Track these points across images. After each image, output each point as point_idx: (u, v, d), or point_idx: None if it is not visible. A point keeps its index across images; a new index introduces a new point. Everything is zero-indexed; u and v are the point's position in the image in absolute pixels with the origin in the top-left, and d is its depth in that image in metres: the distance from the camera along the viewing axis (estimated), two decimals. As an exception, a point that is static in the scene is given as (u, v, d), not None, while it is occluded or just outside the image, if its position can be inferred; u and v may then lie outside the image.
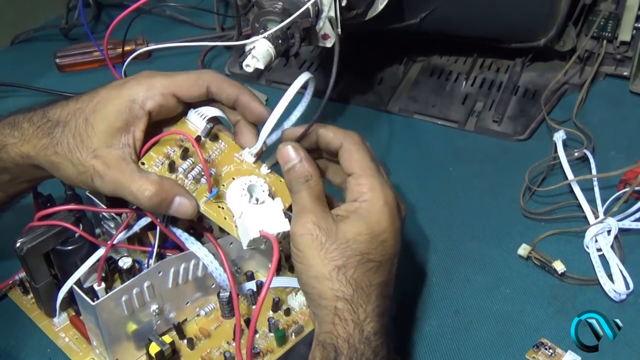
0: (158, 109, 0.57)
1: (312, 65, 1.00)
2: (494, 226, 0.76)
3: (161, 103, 0.57)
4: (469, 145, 0.87)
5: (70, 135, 0.56)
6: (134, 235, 0.65)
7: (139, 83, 0.57)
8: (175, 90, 0.58)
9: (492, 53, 0.97)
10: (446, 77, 0.96)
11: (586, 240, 0.71)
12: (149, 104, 0.57)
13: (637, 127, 0.87)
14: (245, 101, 0.59)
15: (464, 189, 0.80)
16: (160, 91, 0.57)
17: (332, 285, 0.51)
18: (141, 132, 0.57)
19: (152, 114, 0.57)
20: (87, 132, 0.56)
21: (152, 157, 0.58)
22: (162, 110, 0.58)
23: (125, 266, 0.62)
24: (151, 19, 1.11)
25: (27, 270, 0.63)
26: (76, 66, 1.03)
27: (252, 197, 0.58)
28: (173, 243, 0.63)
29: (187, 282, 0.63)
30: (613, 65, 0.94)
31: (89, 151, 0.55)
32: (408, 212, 0.58)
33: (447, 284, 0.70)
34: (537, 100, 0.90)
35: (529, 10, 0.87)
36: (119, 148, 0.56)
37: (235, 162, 0.60)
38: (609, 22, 0.90)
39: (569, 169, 0.78)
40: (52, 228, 0.61)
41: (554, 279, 0.69)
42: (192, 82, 0.58)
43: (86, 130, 0.56)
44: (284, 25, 0.63)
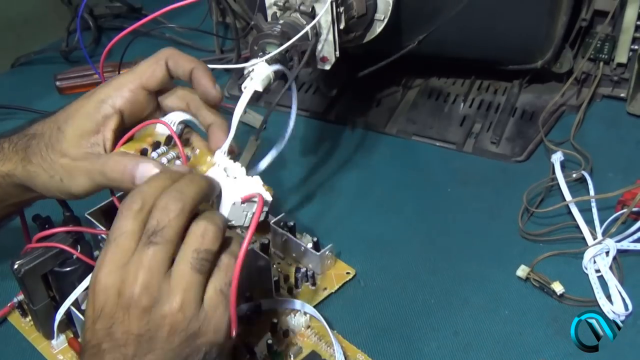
0: (129, 105, 0.57)
1: (310, 87, 1.01)
2: (493, 247, 0.76)
3: (130, 99, 0.57)
4: (467, 166, 0.87)
5: (43, 144, 0.57)
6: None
7: (107, 85, 0.58)
8: (141, 81, 0.58)
9: (490, 75, 0.98)
10: (444, 99, 0.97)
11: (585, 261, 0.71)
12: (118, 102, 0.57)
13: (635, 148, 0.87)
14: (197, 76, 0.59)
15: (462, 210, 0.80)
16: (128, 87, 0.57)
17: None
18: (111, 131, 0.57)
19: (124, 113, 0.57)
20: (58, 138, 0.56)
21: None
22: (134, 107, 0.58)
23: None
24: (151, 42, 1.12)
25: (25, 292, 0.63)
26: (76, 89, 1.04)
27: (229, 176, 0.57)
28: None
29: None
30: (610, 87, 0.94)
31: (58, 154, 0.56)
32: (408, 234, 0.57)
33: (446, 305, 0.70)
34: (534, 121, 0.91)
35: (525, 33, 0.88)
36: (88, 147, 0.56)
37: (208, 164, 0.59)
38: (605, 44, 0.91)
39: (566, 190, 0.78)
40: (50, 250, 0.61)
41: (553, 301, 0.69)
42: (152, 65, 0.58)
43: (57, 136, 0.56)
44: (283, 49, 0.64)
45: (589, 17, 0.90)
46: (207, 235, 0.48)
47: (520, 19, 0.86)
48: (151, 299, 0.46)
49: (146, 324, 0.46)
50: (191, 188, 0.49)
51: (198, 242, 0.48)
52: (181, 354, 0.47)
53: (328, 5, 0.68)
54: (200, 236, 0.48)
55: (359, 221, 0.80)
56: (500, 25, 0.86)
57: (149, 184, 0.50)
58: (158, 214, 0.48)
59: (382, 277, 0.73)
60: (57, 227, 0.63)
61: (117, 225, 0.48)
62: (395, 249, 0.76)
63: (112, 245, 0.48)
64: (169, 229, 0.47)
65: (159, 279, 0.47)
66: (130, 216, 0.48)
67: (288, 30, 0.66)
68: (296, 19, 0.69)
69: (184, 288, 0.47)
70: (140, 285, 0.46)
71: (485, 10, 0.84)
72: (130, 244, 0.47)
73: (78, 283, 0.61)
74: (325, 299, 0.70)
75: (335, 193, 0.83)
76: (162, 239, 0.47)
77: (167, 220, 0.47)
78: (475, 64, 0.96)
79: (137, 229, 0.48)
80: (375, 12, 0.78)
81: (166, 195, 0.48)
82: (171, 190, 0.49)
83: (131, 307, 0.46)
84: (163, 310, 0.46)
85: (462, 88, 0.98)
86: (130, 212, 0.48)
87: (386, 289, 0.72)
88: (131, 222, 0.48)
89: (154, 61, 0.59)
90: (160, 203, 0.48)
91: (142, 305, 0.46)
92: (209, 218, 0.49)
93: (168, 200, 0.48)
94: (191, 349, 0.47)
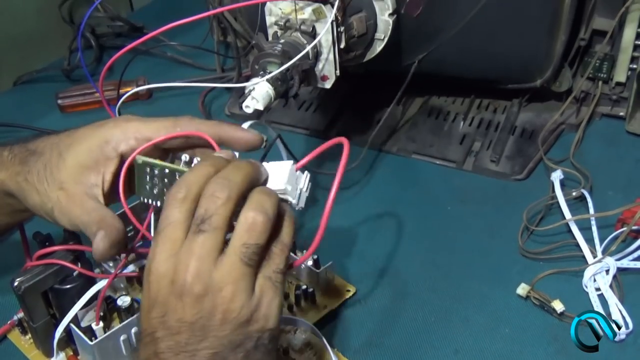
0: (131, 152, 0.56)
1: (311, 105, 1.01)
2: (493, 266, 0.76)
3: (134, 147, 0.56)
4: (467, 184, 0.87)
5: (41, 165, 0.57)
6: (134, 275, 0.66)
7: (115, 125, 0.57)
8: (150, 135, 0.57)
9: (490, 94, 0.99)
10: (444, 117, 0.97)
11: (585, 279, 0.71)
12: (122, 147, 0.56)
13: (634, 166, 0.88)
14: (229, 136, 0.57)
15: (462, 229, 0.81)
16: (134, 135, 0.57)
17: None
18: (111, 174, 0.56)
19: (125, 158, 0.57)
20: (58, 165, 0.56)
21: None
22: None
23: (124, 305, 0.62)
24: (152, 61, 1.13)
25: (25, 310, 0.63)
26: (77, 107, 1.04)
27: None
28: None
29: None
30: (609, 106, 0.95)
31: (56, 183, 0.56)
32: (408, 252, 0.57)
33: (446, 323, 0.70)
34: (534, 140, 0.91)
35: (525, 52, 0.88)
36: (87, 186, 0.56)
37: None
38: (604, 64, 0.91)
39: (566, 208, 0.78)
40: (50, 267, 0.61)
41: (553, 319, 0.69)
42: (167, 129, 0.57)
43: (57, 163, 0.56)
44: (284, 68, 0.64)
45: (587, 37, 0.90)
46: (256, 228, 0.48)
47: (520, 39, 0.87)
48: (203, 287, 0.47)
49: (199, 311, 0.47)
50: (238, 174, 0.50)
51: (247, 235, 0.48)
52: (234, 341, 0.48)
53: (329, 25, 0.69)
54: (249, 229, 0.48)
55: (359, 239, 0.80)
56: (499, 45, 0.87)
57: (193, 172, 0.50)
58: (205, 202, 0.48)
59: (382, 295, 0.73)
60: (58, 244, 0.63)
61: (164, 215, 0.49)
62: (395, 266, 0.76)
63: (161, 236, 0.48)
64: (217, 216, 0.48)
65: (210, 266, 0.47)
66: (175, 205, 0.48)
67: (289, 49, 0.67)
68: (297, 38, 0.69)
69: (234, 278, 0.47)
70: (192, 273, 0.47)
71: (485, 30, 0.85)
72: (178, 233, 0.48)
73: (78, 300, 0.61)
74: (325, 317, 0.70)
75: (335, 211, 0.83)
76: (211, 227, 0.47)
77: (215, 208, 0.48)
78: (475, 83, 0.96)
79: (184, 217, 0.48)
80: (376, 32, 0.79)
81: (213, 182, 0.49)
82: (217, 178, 0.49)
83: (184, 295, 0.47)
84: (215, 299, 0.47)
85: (461, 107, 0.98)
86: (176, 201, 0.48)
87: (386, 307, 0.72)
88: (177, 211, 0.48)
89: (170, 127, 0.57)
90: (207, 191, 0.48)
91: (195, 293, 0.47)
92: (258, 206, 0.49)
93: (215, 188, 0.48)
94: (244, 336, 0.48)
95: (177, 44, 1.10)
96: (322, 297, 0.71)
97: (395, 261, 0.77)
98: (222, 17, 1.05)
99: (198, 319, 0.47)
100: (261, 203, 0.49)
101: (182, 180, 0.50)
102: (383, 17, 0.77)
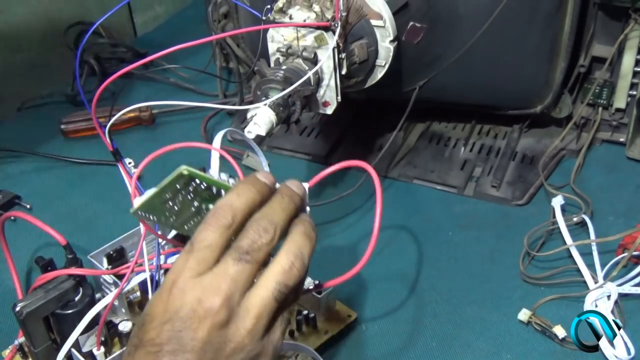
0: None
1: (312, 131, 1.02)
2: (494, 291, 0.76)
3: None
4: (468, 210, 0.88)
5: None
6: (135, 299, 0.66)
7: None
8: None
9: (490, 119, 0.99)
10: (445, 143, 0.98)
11: (586, 305, 0.71)
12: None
13: (635, 192, 0.88)
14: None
15: (464, 254, 0.81)
16: None
17: None
18: None
19: None
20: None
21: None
22: None
23: (125, 330, 0.62)
24: (155, 86, 1.14)
25: (27, 335, 0.63)
26: (81, 132, 1.05)
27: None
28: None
29: (187, 346, 0.63)
30: (609, 132, 0.95)
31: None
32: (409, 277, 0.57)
33: (447, 349, 0.70)
34: (535, 165, 0.91)
35: (525, 79, 0.89)
36: None
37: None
38: (604, 90, 0.92)
39: (567, 233, 0.78)
40: (51, 292, 0.61)
41: (555, 345, 0.69)
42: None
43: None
44: (286, 94, 0.65)
45: (587, 64, 0.91)
46: (293, 273, 0.49)
47: (520, 65, 0.88)
48: (228, 314, 0.47)
49: (215, 336, 0.47)
50: (286, 211, 0.50)
51: (284, 276, 0.48)
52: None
53: (330, 51, 0.70)
54: (287, 272, 0.48)
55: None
56: (499, 72, 0.88)
57: (239, 197, 0.50)
58: (253, 234, 0.48)
59: (383, 320, 0.73)
60: (60, 269, 0.63)
61: (204, 236, 0.49)
62: (396, 292, 0.76)
63: (195, 253, 0.48)
64: (261, 252, 0.48)
65: (241, 295, 0.47)
66: (217, 230, 0.48)
67: (291, 75, 0.67)
68: (299, 64, 0.70)
69: (259, 313, 0.47)
70: (222, 297, 0.47)
71: (485, 57, 0.86)
72: (213, 255, 0.48)
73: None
74: (327, 342, 0.70)
75: (337, 236, 0.84)
76: (253, 259, 0.48)
77: (261, 244, 0.48)
78: (475, 109, 0.97)
79: (222, 243, 0.48)
80: (377, 58, 0.79)
81: (263, 218, 0.49)
82: (267, 212, 0.49)
83: (207, 317, 0.46)
84: (234, 329, 0.47)
85: (462, 132, 0.99)
86: (219, 226, 0.48)
87: (387, 332, 0.72)
88: (218, 235, 0.48)
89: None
90: (256, 225, 0.49)
91: (219, 319, 0.47)
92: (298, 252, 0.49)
93: (266, 225, 0.49)
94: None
95: (179, 66, 1.11)
96: (323, 322, 0.71)
97: (396, 286, 0.77)
98: (225, 43, 1.06)
99: (212, 344, 0.47)
100: (301, 249, 0.50)
101: (228, 204, 0.49)
102: (384, 43, 0.78)
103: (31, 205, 0.91)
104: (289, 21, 0.71)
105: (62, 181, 0.96)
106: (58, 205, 0.91)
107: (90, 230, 0.86)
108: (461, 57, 0.84)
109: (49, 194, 0.94)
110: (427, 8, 0.81)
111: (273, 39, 0.72)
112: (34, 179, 0.97)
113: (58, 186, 0.95)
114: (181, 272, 0.48)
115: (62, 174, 0.98)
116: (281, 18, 0.72)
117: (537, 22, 0.85)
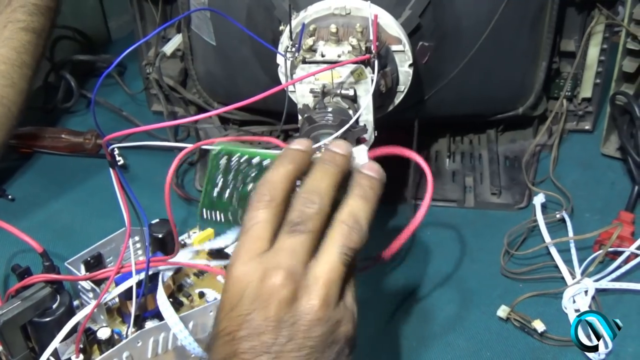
0: None
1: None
2: (474, 289, 0.76)
3: None
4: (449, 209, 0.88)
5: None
6: (114, 305, 0.65)
7: None
8: None
9: (465, 128, 0.98)
10: (425, 157, 0.93)
11: (564, 301, 0.72)
12: None
13: (610, 188, 0.89)
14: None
15: (443, 253, 0.81)
16: None
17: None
18: None
19: None
20: None
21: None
22: None
23: (103, 337, 0.62)
24: (107, 115, 1.06)
25: (4, 344, 0.62)
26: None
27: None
28: (153, 312, 0.62)
29: (167, 351, 0.63)
30: (575, 121, 0.98)
31: None
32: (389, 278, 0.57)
33: (427, 349, 0.70)
34: (519, 166, 0.91)
35: (514, 83, 0.90)
36: None
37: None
38: (568, 82, 0.93)
39: (546, 232, 0.79)
40: (28, 300, 0.60)
41: (534, 341, 0.69)
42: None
43: None
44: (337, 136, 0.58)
45: (558, 59, 0.92)
46: (352, 237, 0.48)
47: (510, 71, 0.88)
48: (294, 288, 0.46)
49: (287, 312, 0.45)
50: (329, 176, 0.50)
51: (345, 239, 0.48)
52: (325, 341, 0.46)
53: (374, 85, 0.64)
54: (346, 236, 0.48)
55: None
56: (492, 80, 0.87)
57: (274, 172, 0.49)
58: (300, 207, 0.48)
59: (363, 320, 0.72)
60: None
61: (250, 216, 0.48)
62: (376, 291, 0.76)
63: (247, 235, 0.48)
64: (313, 222, 0.47)
65: (303, 267, 0.46)
66: (261, 207, 0.48)
67: (343, 116, 0.61)
68: (339, 103, 0.64)
69: (328, 279, 0.46)
70: (283, 272, 0.45)
71: (480, 67, 0.84)
72: (265, 232, 0.47)
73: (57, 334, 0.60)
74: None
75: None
76: (307, 229, 0.47)
77: (310, 213, 0.48)
78: (466, 120, 0.96)
79: (271, 217, 0.48)
80: (397, 84, 0.76)
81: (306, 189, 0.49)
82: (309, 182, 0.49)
83: (273, 295, 0.45)
84: (305, 301, 0.46)
85: (439, 144, 0.97)
86: (261, 203, 0.48)
87: (368, 333, 0.72)
88: (263, 211, 0.48)
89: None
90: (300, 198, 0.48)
91: (285, 294, 0.45)
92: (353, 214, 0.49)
93: (310, 195, 0.48)
94: (332, 339, 0.47)
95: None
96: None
97: (376, 286, 0.77)
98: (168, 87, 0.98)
99: (286, 320, 0.45)
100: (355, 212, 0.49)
101: (265, 182, 0.49)
102: (403, 68, 0.74)
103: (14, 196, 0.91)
104: (321, 59, 0.65)
105: (38, 187, 0.95)
106: (35, 212, 0.90)
107: (67, 237, 0.85)
108: (460, 70, 0.83)
109: (25, 200, 0.92)
110: (434, 26, 0.79)
111: (302, 81, 0.65)
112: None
113: (35, 193, 0.94)
114: (238, 256, 0.47)
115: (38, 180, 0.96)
116: (312, 57, 0.65)
117: (525, 25, 0.85)
